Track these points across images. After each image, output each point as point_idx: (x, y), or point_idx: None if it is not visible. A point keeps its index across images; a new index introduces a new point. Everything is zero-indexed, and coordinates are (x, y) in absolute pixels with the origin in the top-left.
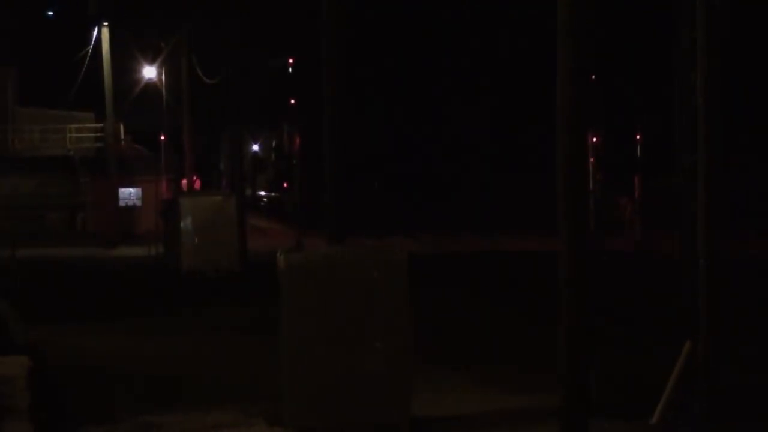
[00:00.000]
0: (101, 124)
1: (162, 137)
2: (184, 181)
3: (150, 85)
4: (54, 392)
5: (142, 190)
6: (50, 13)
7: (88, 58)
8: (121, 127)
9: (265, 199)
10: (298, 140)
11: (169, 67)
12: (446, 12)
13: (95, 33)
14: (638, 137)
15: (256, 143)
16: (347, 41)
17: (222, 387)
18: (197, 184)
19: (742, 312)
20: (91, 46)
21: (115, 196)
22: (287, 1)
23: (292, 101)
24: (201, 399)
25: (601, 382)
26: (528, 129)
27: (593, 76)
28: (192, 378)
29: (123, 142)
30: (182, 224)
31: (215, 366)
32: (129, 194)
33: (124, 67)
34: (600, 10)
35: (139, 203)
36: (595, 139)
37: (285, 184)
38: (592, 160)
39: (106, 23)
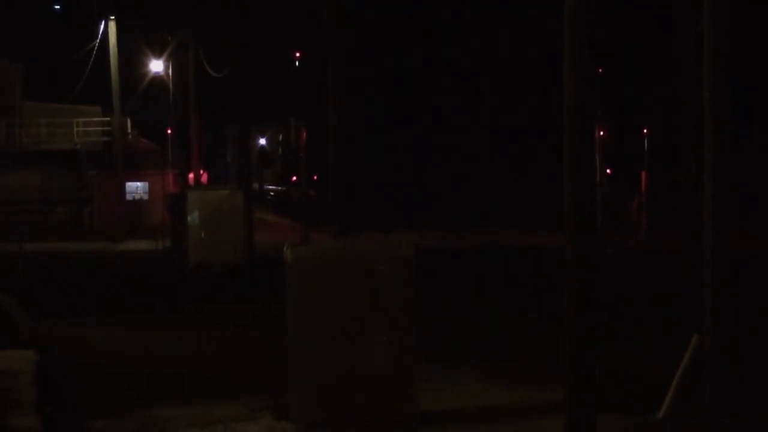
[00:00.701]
0: (108, 118)
1: (169, 131)
2: (191, 175)
3: (157, 79)
4: (60, 386)
5: (149, 184)
6: (57, 7)
7: (95, 53)
8: (128, 121)
9: (272, 193)
10: (304, 134)
11: (176, 61)
12: (447, 12)
13: (102, 27)
14: (645, 131)
15: (263, 137)
16: (350, 42)
17: (228, 382)
18: (204, 178)
19: (747, 306)
20: (98, 41)
21: (122, 190)
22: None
23: (299, 95)
24: (207, 394)
25: (606, 376)
26: (534, 125)
27: (600, 70)
28: (198, 373)
29: (130, 136)
30: (189, 218)
31: (221, 361)
32: (136, 188)
33: (131, 61)
34: (608, 3)
35: (146, 197)
36: (602, 133)
37: (292, 178)
38: (598, 155)
39: (113, 17)
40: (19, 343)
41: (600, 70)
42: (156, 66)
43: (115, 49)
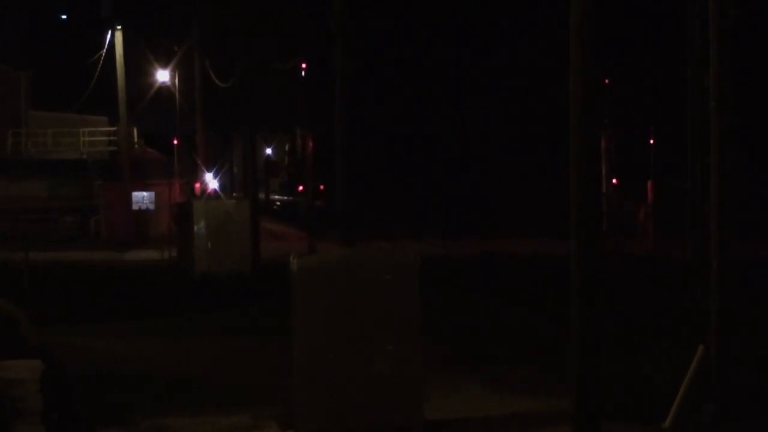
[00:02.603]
0: (114, 128)
1: (175, 141)
2: (198, 185)
3: (163, 89)
4: (66, 395)
5: (155, 194)
6: (63, 16)
7: (101, 62)
8: (134, 130)
9: (278, 203)
10: (311, 144)
11: (183, 71)
12: (456, 19)
13: (108, 37)
14: (651, 141)
15: (269, 147)
16: (356, 51)
17: (233, 390)
18: (209, 189)
19: (754, 314)
20: (105, 50)
21: (128, 200)
22: (299, 6)
23: (305, 105)
24: (213, 402)
25: (610, 384)
26: (538, 132)
27: (606, 81)
28: (204, 381)
29: (136, 146)
30: (195, 228)
31: (226, 370)
32: (142, 198)
33: (138, 70)
34: (613, 14)
35: (152, 207)
36: (604, 144)
37: (298, 188)
38: (603, 164)
39: (119, 27)
40: (25, 351)
41: (606, 81)
42: (162, 75)
43: (122, 59)
